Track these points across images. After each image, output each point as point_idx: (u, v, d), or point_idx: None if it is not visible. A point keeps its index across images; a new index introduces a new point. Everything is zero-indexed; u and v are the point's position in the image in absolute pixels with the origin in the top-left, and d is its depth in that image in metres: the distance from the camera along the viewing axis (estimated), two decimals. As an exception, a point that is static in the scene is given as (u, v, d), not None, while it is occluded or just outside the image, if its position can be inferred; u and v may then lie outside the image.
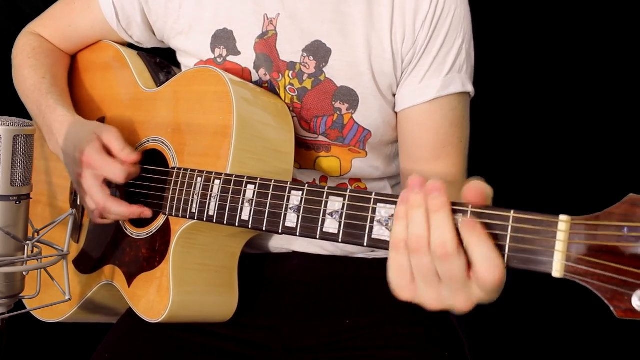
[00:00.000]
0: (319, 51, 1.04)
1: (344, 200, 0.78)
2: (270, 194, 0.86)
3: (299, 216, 0.82)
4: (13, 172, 0.86)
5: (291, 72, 1.05)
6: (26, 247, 0.89)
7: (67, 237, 0.97)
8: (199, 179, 0.97)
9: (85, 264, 1.13)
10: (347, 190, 0.78)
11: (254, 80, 1.08)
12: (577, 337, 1.78)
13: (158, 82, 1.16)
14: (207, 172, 0.96)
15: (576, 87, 1.75)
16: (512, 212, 0.66)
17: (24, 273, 0.89)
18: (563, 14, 1.75)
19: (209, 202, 0.94)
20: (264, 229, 0.87)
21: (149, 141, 1.09)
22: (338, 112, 1.06)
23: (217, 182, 0.94)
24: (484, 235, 0.67)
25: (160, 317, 0.98)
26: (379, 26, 1.03)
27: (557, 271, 0.63)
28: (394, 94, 1.07)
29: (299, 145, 1.08)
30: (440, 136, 1.05)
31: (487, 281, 0.67)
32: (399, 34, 1.02)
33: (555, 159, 1.78)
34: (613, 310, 0.60)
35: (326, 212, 0.79)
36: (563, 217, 0.63)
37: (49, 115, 1.12)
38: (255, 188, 0.88)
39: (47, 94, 1.15)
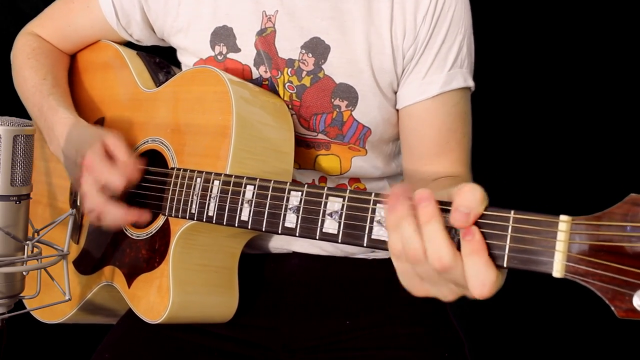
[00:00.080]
0: (317, 48, 1.04)
1: (344, 200, 0.77)
2: (269, 195, 0.86)
3: (298, 217, 0.82)
4: (13, 172, 0.86)
5: (290, 69, 1.05)
6: (26, 247, 0.89)
7: (67, 237, 0.97)
8: (199, 179, 0.96)
9: (85, 265, 1.13)
10: (347, 190, 0.78)
11: (254, 78, 1.08)
12: (578, 337, 1.78)
13: (157, 82, 1.15)
14: (207, 173, 0.96)
15: (576, 86, 1.75)
16: (512, 212, 0.66)
17: (24, 273, 0.90)
18: (563, 15, 1.74)
19: (209, 203, 0.94)
20: (263, 230, 0.86)
21: (148, 141, 1.09)
22: (337, 110, 1.05)
23: (216, 182, 0.94)
24: (476, 247, 0.65)
25: (160, 318, 0.98)
26: (378, 22, 1.03)
27: (557, 271, 0.63)
28: (395, 92, 1.07)
29: (298, 144, 1.07)
30: (443, 132, 1.05)
31: (475, 295, 0.66)
32: (399, 30, 1.02)
33: (555, 158, 1.78)
34: (614, 310, 0.60)
35: (326, 212, 0.79)
36: (563, 217, 0.63)
37: (51, 117, 1.12)
38: (254, 189, 0.88)
39: (49, 95, 1.14)
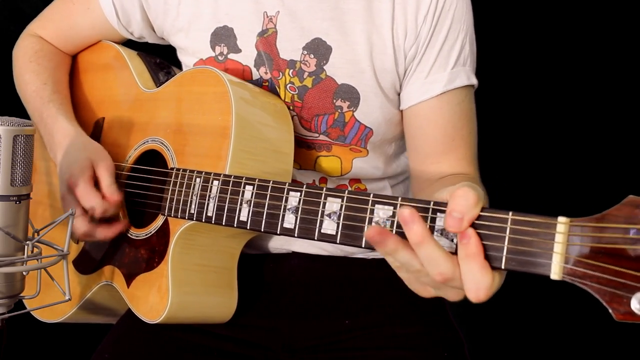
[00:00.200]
0: (319, 49, 1.04)
1: (342, 201, 0.77)
2: (268, 195, 0.86)
3: (297, 217, 0.82)
4: (13, 172, 0.86)
5: (291, 70, 1.05)
6: (26, 247, 0.88)
7: (67, 237, 0.96)
8: (198, 179, 0.96)
9: (85, 265, 1.13)
10: (345, 191, 0.77)
11: (254, 79, 1.08)
12: (576, 337, 1.78)
13: (158, 82, 1.16)
14: (206, 173, 0.95)
15: (575, 86, 1.74)
16: (510, 213, 0.65)
17: (24, 273, 0.89)
18: (563, 16, 1.74)
19: (208, 203, 0.94)
20: (262, 230, 0.86)
21: (148, 141, 1.09)
22: (339, 110, 1.05)
23: (215, 182, 0.94)
24: (472, 251, 0.65)
25: (159, 318, 0.98)
26: (379, 22, 1.03)
27: (555, 273, 0.62)
28: (398, 93, 1.07)
29: (299, 145, 1.07)
30: (449, 130, 1.05)
31: (471, 299, 0.66)
32: (400, 30, 1.02)
33: (553, 160, 1.78)
34: (612, 313, 0.59)
35: (324, 213, 0.79)
36: (561, 219, 0.63)
37: (51, 124, 1.12)
38: (253, 189, 0.88)
39: (49, 102, 1.15)
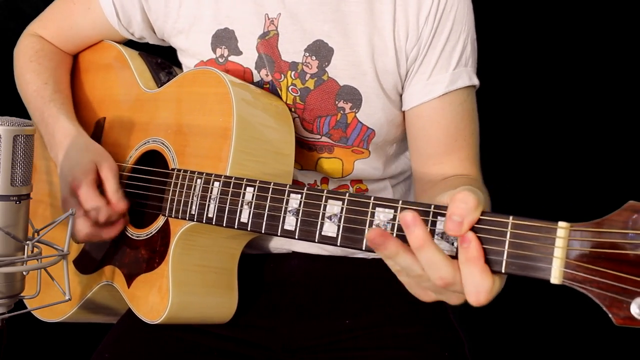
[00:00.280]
0: (321, 51, 1.04)
1: (343, 204, 0.77)
2: (269, 197, 0.86)
3: (297, 219, 0.82)
4: (13, 172, 0.86)
5: (293, 72, 1.05)
6: (26, 247, 0.88)
7: (67, 237, 0.96)
8: (199, 180, 0.97)
9: (85, 264, 1.13)
10: (346, 194, 0.78)
11: (255, 81, 1.07)
12: (576, 339, 1.78)
13: (159, 82, 1.15)
14: (207, 174, 0.96)
15: (577, 88, 1.74)
16: (510, 218, 0.66)
17: (24, 273, 0.89)
18: (564, 16, 1.73)
19: (209, 204, 0.94)
20: (262, 232, 0.86)
21: (149, 142, 1.09)
22: (341, 112, 1.05)
23: (216, 184, 0.94)
24: (472, 255, 0.66)
25: (159, 318, 0.98)
26: (380, 24, 1.03)
27: (555, 278, 0.63)
28: (400, 94, 1.07)
29: (300, 146, 1.07)
30: (451, 131, 1.05)
31: (471, 302, 0.66)
32: (402, 31, 1.02)
33: (554, 164, 1.78)
34: (612, 317, 0.60)
35: (325, 215, 0.79)
36: (562, 224, 0.63)
37: (52, 124, 1.12)
38: (254, 190, 0.88)
39: (50, 101, 1.15)
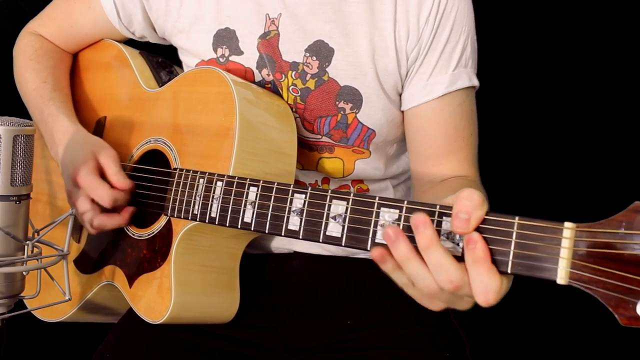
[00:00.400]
0: (321, 51, 1.03)
1: (348, 204, 0.77)
2: (272, 197, 0.85)
3: (301, 219, 0.81)
4: (13, 172, 0.86)
5: (294, 72, 1.05)
6: (26, 247, 0.88)
7: (67, 237, 0.96)
8: (201, 180, 0.96)
9: (86, 264, 1.13)
10: (351, 194, 0.78)
11: (256, 81, 1.07)
12: (578, 340, 1.78)
13: (160, 81, 1.15)
14: (210, 174, 0.95)
15: (582, 88, 1.75)
16: (516, 218, 0.66)
17: (24, 273, 0.89)
18: (565, 16, 1.74)
19: (211, 204, 0.94)
20: (266, 232, 0.86)
21: (150, 141, 1.08)
22: (342, 112, 1.05)
23: (219, 183, 0.93)
24: (479, 255, 0.66)
25: (161, 319, 0.98)
26: (381, 25, 1.03)
27: (561, 278, 0.63)
28: (400, 94, 1.07)
29: (301, 146, 1.07)
30: (450, 131, 1.05)
31: (480, 303, 0.67)
32: (402, 32, 1.02)
33: (559, 165, 1.78)
34: (617, 318, 0.60)
35: (329, 215, 0.79)
36: (568, 224, 0.63)
37: (51, 123, 1.12)
38: (257, 190, 0.88)
39: (49, 100, 1.14)
